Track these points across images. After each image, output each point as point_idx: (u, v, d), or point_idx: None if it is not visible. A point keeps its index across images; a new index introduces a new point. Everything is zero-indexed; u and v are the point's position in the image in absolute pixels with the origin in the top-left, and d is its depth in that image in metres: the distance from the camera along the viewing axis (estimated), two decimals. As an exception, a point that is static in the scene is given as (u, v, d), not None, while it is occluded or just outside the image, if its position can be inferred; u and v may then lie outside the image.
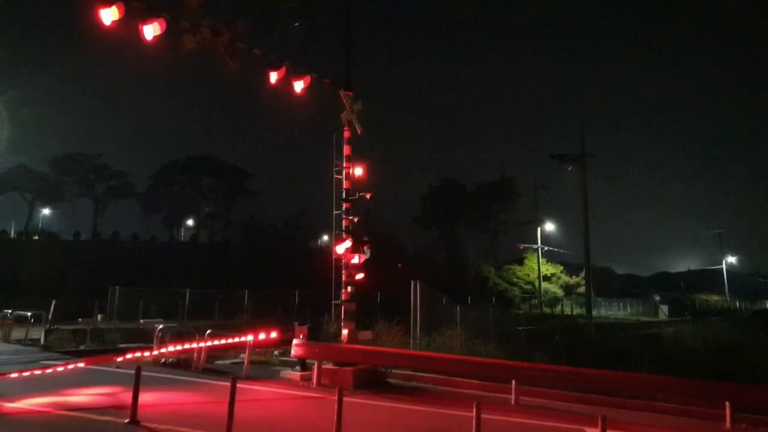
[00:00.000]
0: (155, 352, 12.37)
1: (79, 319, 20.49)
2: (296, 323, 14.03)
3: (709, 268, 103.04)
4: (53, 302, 20.63)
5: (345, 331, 13.75)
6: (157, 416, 9.26)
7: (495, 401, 12.03)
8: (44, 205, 69.46)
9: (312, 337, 14.02)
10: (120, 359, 11.24)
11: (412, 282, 15.77)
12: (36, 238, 60.49)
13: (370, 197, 13.97)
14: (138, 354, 11.47)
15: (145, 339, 20.62)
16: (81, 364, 11.01)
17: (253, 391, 11.75)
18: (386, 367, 13.82)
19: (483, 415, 10.55)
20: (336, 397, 11.69)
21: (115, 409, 9.73)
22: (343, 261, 13.98)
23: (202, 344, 12.66)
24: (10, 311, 20.10)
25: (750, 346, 25.69)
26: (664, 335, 31.31)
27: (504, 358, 15.21)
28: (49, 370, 10.91)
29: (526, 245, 57.82)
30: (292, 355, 13.54)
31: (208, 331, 14.24)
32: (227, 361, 16.29)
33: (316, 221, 66.94)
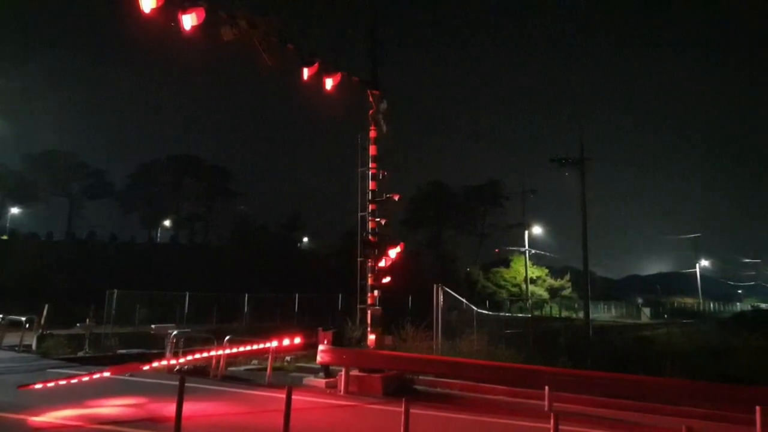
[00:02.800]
0: (181, 360, 11.73)
1: (78, 324, 19.49)
2: (320, 328, 13.55)
3: (681, 271, 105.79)
4: (46, 306, 19.60)
5: (372, 337, 13.33)
6: (198, 429, 8.75)
7: (528, 408, 11.80)
8: (15, 204, 66.87)
9: (336, 343, 13.54)
10: (146, 368, 10.59)
11: (434, 286, 15.44)
12: (5, 237, 58.25)
13: (398, 199, 13.58)
14: (164, 362, 10.84)
15: (143, 344, 19.77)
16: (107, 374, 10.33)
17: (282, 399, 11.22)
18: (416, 373, 13.44)
19: (527, 424, 10.39)
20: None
21: (150, 421, 9.18)
22: (369, 264, 13.56)
23: (226, 351, 12.06)
24: (1, 316, 18.99)
25: (739, 347, 26.16)
26: (658, 337, 31.67)
27: (524, 362, 15.02)
28: (74, 381, 10.21)
29: (510, 248, 58.12)
30: (318, 362, 13.06)
31: (227, 337, 13.64)
32: (241, 368, 15.68)
33: (311, 223, 66.35)
